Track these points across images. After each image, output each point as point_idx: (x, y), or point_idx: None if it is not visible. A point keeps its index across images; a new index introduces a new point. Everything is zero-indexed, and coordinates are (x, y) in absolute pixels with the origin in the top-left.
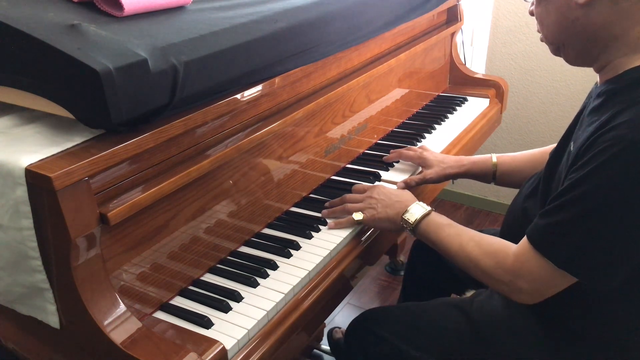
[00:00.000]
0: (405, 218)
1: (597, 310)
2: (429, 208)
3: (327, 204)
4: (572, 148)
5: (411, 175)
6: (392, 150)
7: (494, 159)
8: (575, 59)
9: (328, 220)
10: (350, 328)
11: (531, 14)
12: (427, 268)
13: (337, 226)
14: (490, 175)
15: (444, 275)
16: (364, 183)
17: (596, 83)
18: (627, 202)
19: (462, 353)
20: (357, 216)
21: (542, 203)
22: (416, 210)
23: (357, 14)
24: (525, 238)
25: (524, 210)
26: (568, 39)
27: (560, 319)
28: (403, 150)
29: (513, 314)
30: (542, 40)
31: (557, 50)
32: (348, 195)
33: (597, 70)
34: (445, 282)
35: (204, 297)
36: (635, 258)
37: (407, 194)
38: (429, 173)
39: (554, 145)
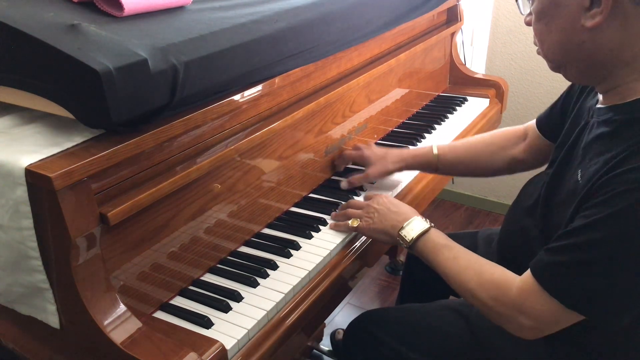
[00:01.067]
0: (402, 234)
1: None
2: (427, 225)
3: (340, 208)
4: (579, 177)
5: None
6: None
7: (435, 151)
8: (578, 79)
9: (328, 221)
10: (349, 329)
11: (527, 24)
12: (424, 270)
13: (336, 228)
14: (434, 166)
15: (442, 278)
16: (375, 192)
17: (596, 97)
18: None
19: (461, 356)
20: (354, 223)
21: (542, 225)
22: (414, 226)
23: (357, 14)
24: (529, 273)
25: (523, 228)
26: (571, 61)
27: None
28: (345, 152)
29: None
30: (539, 54)
31: (557, 69)
32: (352, 201)
33: (601, 92)
34: (443, 284)
35: (204, 297)
36: None
37: (407, 207)
38: (371, 171)
39: (497, 132)
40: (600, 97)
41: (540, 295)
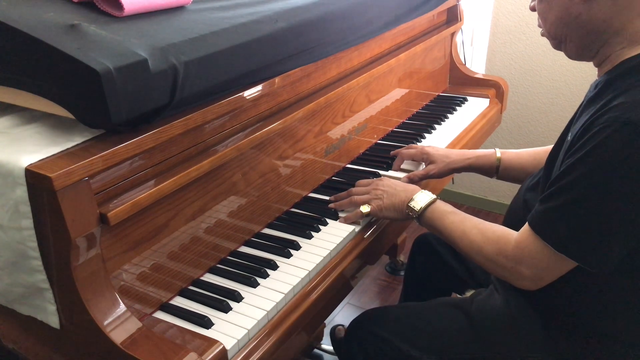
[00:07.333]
0: (411, 206)
1: (598, 307)
2: (434, 196)
3: (332, 197)
4: (569, 138)
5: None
6: (392, 152)
7: (498, 154)
8: (577, 54)
9: (340, 215)
10: (350, 328)
11: (532, 9)
12: (427, 268)
13: (348, 220)
14: (494, 170)
15: (445, 275)
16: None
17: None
18: (622, 182)
19: (462, 352)
20: (365, 208)
21: (541, 194)
22: (421, 198)
23: (357, 14)
24: (526, 224)
25: (525, 202)
26: (570, 34)
27: (561, 317)
28: (403, 150)
29: (513, 312)
30: (543, 35)
31: (558, 45)
32: (354, 189)
33: (597, 65)
34: (445, 282)
35: (204, 297)
36: (631, 238)
37: (412, 185)
38: (432, 168)
39: None
40: (597, 74)
41: (534, 242)
